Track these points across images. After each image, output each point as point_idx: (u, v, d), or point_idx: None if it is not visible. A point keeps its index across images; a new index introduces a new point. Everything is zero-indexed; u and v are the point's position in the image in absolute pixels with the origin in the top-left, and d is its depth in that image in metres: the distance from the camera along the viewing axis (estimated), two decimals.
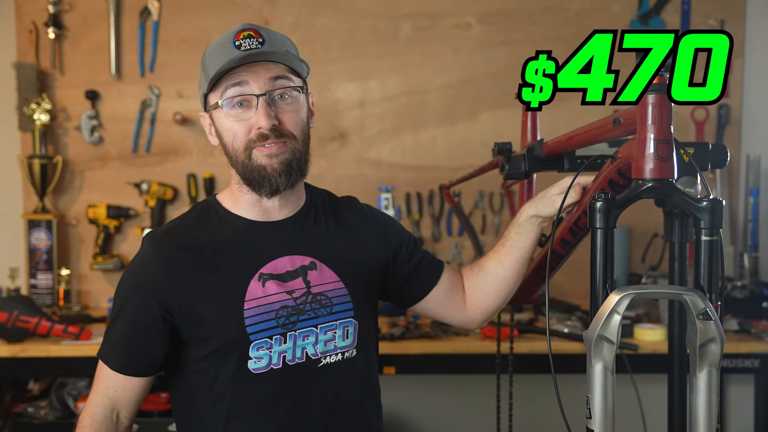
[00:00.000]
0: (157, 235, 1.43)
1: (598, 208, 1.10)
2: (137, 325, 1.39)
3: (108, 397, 1.41)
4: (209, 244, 1.41)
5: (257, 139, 1.36)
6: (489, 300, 1.62)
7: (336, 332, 1.44)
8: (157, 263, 1.38)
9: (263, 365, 1.38)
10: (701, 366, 1.05)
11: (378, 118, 3.21)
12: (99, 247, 3.12)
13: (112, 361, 1.41)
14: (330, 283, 1.45)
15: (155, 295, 1.37)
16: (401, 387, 3.20)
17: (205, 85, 1.39)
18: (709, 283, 1.10)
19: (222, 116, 1.38)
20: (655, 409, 1.98)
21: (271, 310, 1.39)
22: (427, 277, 1.62)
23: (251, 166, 1.38)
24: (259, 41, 1.35)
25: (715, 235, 1.09)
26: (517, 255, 1.56)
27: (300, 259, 1.44)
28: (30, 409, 2.70)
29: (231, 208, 1.46)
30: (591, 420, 1.09)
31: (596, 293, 1.10)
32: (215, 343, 1.38)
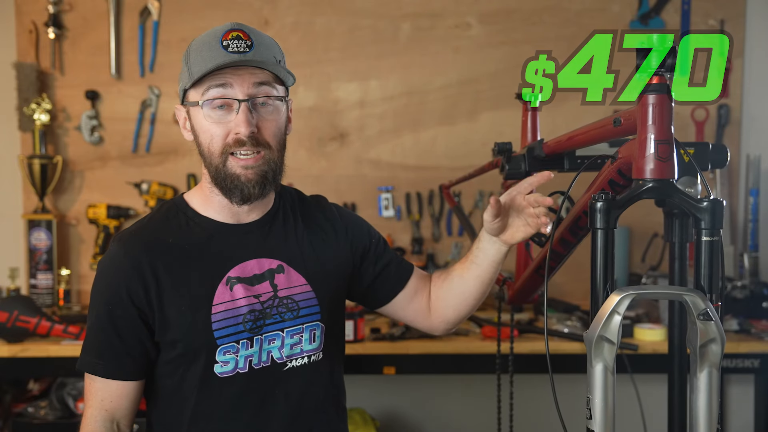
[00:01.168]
0: (125, 237, 1.41)
1: (599, 208, 1.10)
2: (118, 326, 1.37)
3: (105, 410, 1.38)
4: (177, 247, 1.40)
5: (233, 144, 1.34)
6: (449, 310, 1.59)
7: (303, 336, 1.44)
8: (126, 264, 1.37)
9: (229, 369, 1.38)
10: (702, 366, 1.05)
11: (378, 118, 3.21)
12: (99, 247, 3.12)
13: (100, 370, 1.38)
14: (297, 286, 1.45)
15: (128, 294, 1.36)
16: (401, 387, 3.20)
17: (186, 80, 1.36)
18: (709, 284, 1.10)
19: (200, 115, 1.36)
20: (655, 409, 1.98)
21: (238, 314, 1.38)
22: (394, 280, 1.60)
23: (225, 173, 1.36)
24: (247, 44, 1.33)
25: (715, 235, 1.09)
26: (476, 271, 1.53)
27: (267, 262, 1.43)
28: (30, 409, 2.70)
29: (200, 209, 1.45)
30: (591, 420, 1.09)
31: (596, 294, 1.10)
32: (182, 346, 1.37)
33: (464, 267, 1.55)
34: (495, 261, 1.51)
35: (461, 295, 1.56)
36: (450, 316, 1.60)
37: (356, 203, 3.15)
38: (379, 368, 2.60)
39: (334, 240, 1.53)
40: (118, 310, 1.37)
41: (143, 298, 1.36)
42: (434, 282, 1.62)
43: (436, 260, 3.21)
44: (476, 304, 1.58)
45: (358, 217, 1.63)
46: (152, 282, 1.36)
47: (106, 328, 1.38)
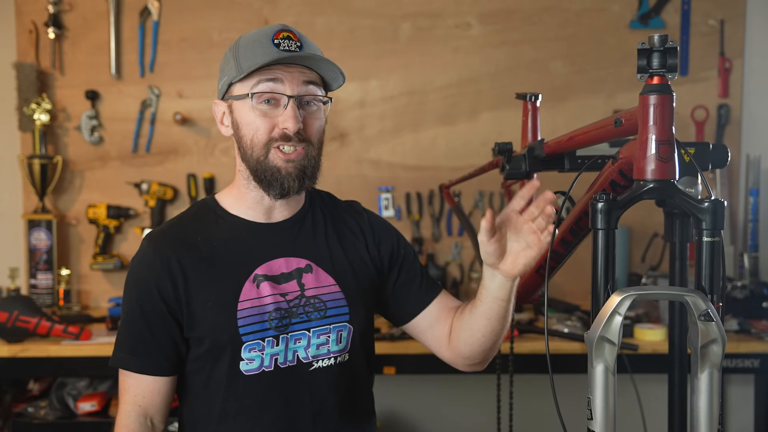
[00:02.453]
0: (155, 235, 1.44)
1: (600, 208, 1.10)
2: (149, 322, 1.38)
3: (138, 405, 1.39)
4: (206, 244, 1.41)
5: (279, 138, 1.36)
6: (461, 343, 1.50)
7: (330, 336, 1.43)
8: (156, 262, 1.38)
9: (255, 367, 1.38)
10: (703, 367, 1.05)
11: (378, 118, 3.21)
12: (99, 247, 3.12)
13: (134, 366, 1.40)
14: (326, 286, 1.45)
15: (158, 291, 1.37)
16: (401, 387, 3.20)
17: (233, 74, 1.37)
18: (710, 284, 1.10)
19: (246, 108, 1.37)
20: (655, 409, 1.98)
21: (264, 312, 1.39)
22: (415, 299, 1.55)
23: (265, 165, 1.37)
24: (297, 44, 1.36)
25: (716, 236, 1.09)
26: (481, 308, 1.44)
27: (296, 261, 1.44)
28: (30, 409, 2.70)
29: (230, 208, 1.46)
30: (592, 421, 1.09)
31: (597, 294, 1.10)
32: (208, 342, 1.38)
33: (473, 303, 1.47)
34: (498, 298, 1.40)
35: (469, 330, 1.47)
36: (463, 351, 1.50)
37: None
38: (379, 368, 2.60)
39: (363, 245, 1.53)
40: (148, 306, 1.38)
41: (172, 294, 1.37)
42: (456, 313, 1.54)
43: (436, 260, 3.22)
44: (487, 342, 1.47)
45: (390, 226, 1.60)
46: (180, 278, 1.38)
47: (138, 324, 1.39)
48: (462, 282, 3.21)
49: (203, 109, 3.17)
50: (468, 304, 1.51)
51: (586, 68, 3.19)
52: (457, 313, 1.54)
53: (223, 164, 3.19)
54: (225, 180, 3.18)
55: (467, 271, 3.22)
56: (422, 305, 1.55)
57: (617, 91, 3.18)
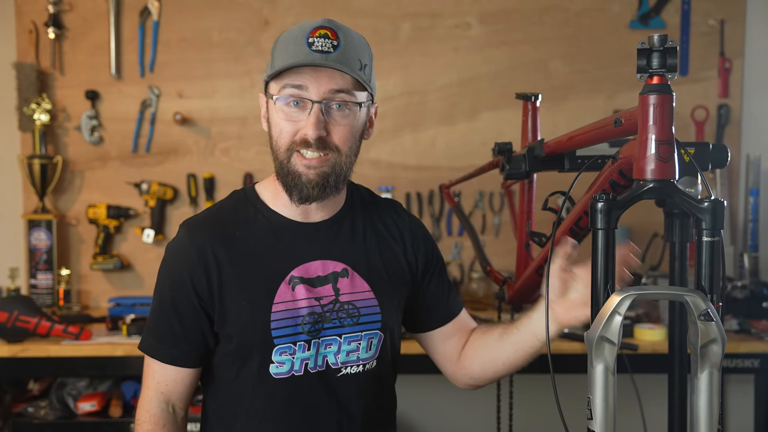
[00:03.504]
0: (193, 224, 1.41)
1: (599, 208, 1.10)
2: (179, 312, 1.37)
3: (161, 392, 1.39)
4: (244, 240, 1.39)
5: (300, 143, 1.32)
6: (475, 365, 1.51)
7: (360, 343, 1.41)
8: (192, 253, 1.36)
9: (285, 371, 1.37)
10: (702, 367, 1.05)
11: (378, 118, 3.17)
12: (99, 247, 3.12)
13: (161, 355, 1.39)
14: (360, 292, 1.42)
15: (191, 282, 1.35)
16: (401, 387, 3.18)
17: (268, 70, 1.35)
18: (710, 284, 1.10)
19: (275, 108, 1.34)
20: (655, 409, 1.98)
21: (297, 315, 1.36)
22: (440, 312, 1.55)
23: (288, 169, 1.34)
24: (333, 44, 1.31)
25: (716, 235, 1.09)
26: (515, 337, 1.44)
27: (333, 264, 1.41)
28: (30, 409, 2.70)
29: (269, 203, 1.43)
30: (592, 421, 1.09)
31: (597, 294, 1.10)
32: (237, 341, 1.37)
33: (506, 329, 1.46)
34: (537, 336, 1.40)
35: (491, 355, 1.48)
36: (475, 372, 1.51)
37: None
38: None
39: (401, 249, 1.50)
40: (180, 296, 1.36)
41: (205, 287, 1.35)
42: (475, 333, 1.55)
43: None
44: (505, 371, 1.48)
45: (429, 234, 1.58)
46: (215, 272, 1.35)
47: (168, 312, 1.38)
48: (462, 282, 3.21)
49: (203, 109, 3.17)
50: (495, 328, 1.50)
51: (586, 68, 3.19)
52: (478, 332, 1.53)
53: (223, 164, 3.19)
54: (225, 180, 3.18)
55: (467, 271, 3.22)
56: (445, 319, 1.55)
57: (617, 91, 3.18)
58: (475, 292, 3.15)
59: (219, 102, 3.18)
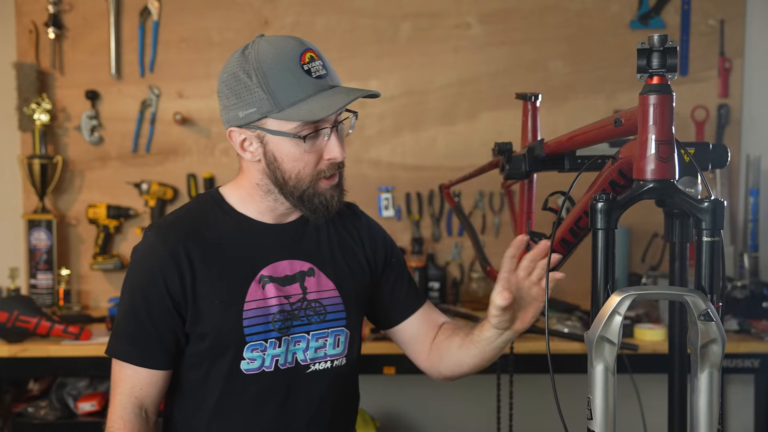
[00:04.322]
0: (162, 226, 1.42)
1: (599, 208, 1.10)
2: (152, 314, 1.37)
3: (134, 396, 1.39)
4: (214, 241, 1.41)
5: (327, 169, 1.38)
6: (443, 366, 1.55)
7: (327, 340, 1.45)
8: (164, 252, 1.37)
9: (256, 367, 1.39)
10: (702, 367, 1.05)
11: (378, 118, 3.21)
12: (99, 247, 3.12)
13: (134, 358, 1.38)
14: (326, 291, 1.46)
15: (164, 283, 1.36)
16: (401, 387, 3.20)
17: (267, 108, 1.31)
18: (710, 284, 1.10)
19: (288, 143, 1.34)
20: (655, 409, 1.98)
21: (269, 313, 1.39)
22: (402, 306, 1.59)
23: (313, 193, 1.38)
24: (321, 63, 1.35)
25: (716, 236, 1.09)
26: (474, 352, 1.47)
27: (300, 264, 1.45)
28: (30, 409, 2.70)
29: (237, 206, 1.45)
30: (592, 421, 1.09)
31: (597, 294, 1.10)
32: (211, 340, 1.38)
33: (466, 342, 1.49)
34: (498, 347, 1.45)
35: (457, 361, 1.52)
36: (444, 372, 1.56)
37: (356, 203, 3.14)
38: (379, 368, 2.60)
39: (361, 249, 1.55)
40: (153, 298, 1.37)
41: (179, 287, 1.36)
42: (442, 330, 1.58)
43: (436, 260, 3.22)
44: (473, 372, 1.53)
45: (385, 232, 1.64)
46: (188, 272, 1.37)
47: (140, 315, 1.38)
48: (462, 282, 3.21)
49: (203, 109, 3.17)
50: (453, 332, 1.54)
51: (586, 68, 3.19)
52: (444, 334, 1.56)
53: (223, 164, 3.19)
54: (225, 180, 3.13)
55: (467, 271, 3.21)
56: (408, 313, 1.59)
57: (617, 91, 3.18)
58: (475, 292, 3.15)
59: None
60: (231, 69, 1.35)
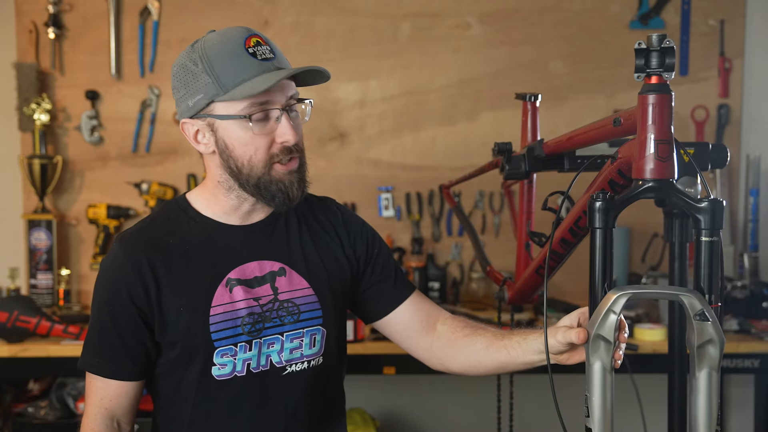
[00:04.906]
0: (126, 237, 1.40)
1: (597, 207, 1.10)
2: (118, 326, 1.36)
3: (104, 408, 1.38)
4: (178, 247, 1.38)
5: (280, 153, 1.34)
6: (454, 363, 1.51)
7: (303, 340, 1.42)
8: (127, 265, 1.35)
9: (227, 372, 1.37)
10: (700, 367, 1.05)
11: (378, 118, 3.21)
12: (99, 247, 3.12)
13: (101, 370, 1.38)
14: (299, 290, 1.43)
15: (129, 295, 1.35)
16: (401, 387, 3.20)
17: (213, 91, 1.30)
18: (709, 284, 1.10)
19: (237, 127, 1.32)
20: (655, 409, 1.98)
21: (237, 317, 1.37)
22: (390, 296, 1.54)
23: (269, 180, 1.35)
24: (268, 48, 1.32)
25: (715, 236, 1.09)
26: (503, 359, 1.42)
27: (269, 264, 1.42)
28: (30, 409, 2.70)
29: (202, 210, 1.43)
30: (589, 419, 1.09)
31: (595, 293, 1.11)
32: (180, 347, 1.37)
33: (495, 344, 1.44)
34: (528, 365, 1.40)
35: (475, 362, 1.48)
36: (453, 368, 1.53)
37: (356, 203, 3.15)
38: (379, 368, 2.60)
39: (338, 245, 1.51)
40: (118, 310, 1.36)
41: (143, 298, 1.35)
42: (455, 326, 1.53)
43: (436, 260, 3.22)
44: (485, 374, 1.51)
45: (364, 223, 1.58)
46: (152, 282, 1.35)
47: (107, 327, 1.37)
48: (462, 282, 3.21)
49: None
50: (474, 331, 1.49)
51: (586, 68, 3.19)
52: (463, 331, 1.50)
53: None
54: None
55: (467, 271, 3.21)
56: (396, 302, 1.54)
57: (617, 91, 3.18)
58: (475, 292, 3.15)
59: None
60: (180, 61, 1.36)
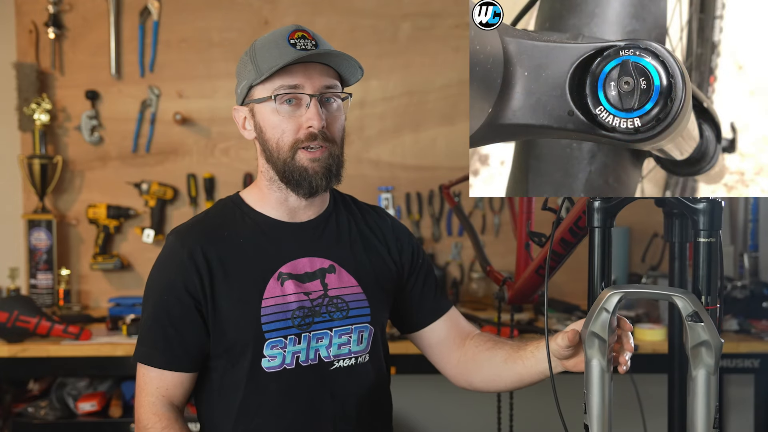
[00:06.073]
0: (182, 231, 1.44)
1: (596, 207, 1.10)
2: (175, 319, 1.38)
3: (162, 395, 1.39)
4: (232, 240, 1.42)
5: (305, 139, 1.36)
6: (477, 378, 1.53)
7: (351, 336, 1.44)
8: (184, 256, 1.38)
9: (276, 364, 1.39)
10: (695, 368, 1.05)
11: (378, 118, 3.21)
12: (99, 247, 3.12)
13: (158, 361, 1.39)
14: (348, 287, 1.45)
15: (185, 286, 1.37)
16: (401, 387, 3.18)
17: (252, 77, 1.37)
18: (706, 285, 1.10)
19: (269, 111, 1.38)
20: (655, 409, 1.98)
21: (287, 309, 1.39)
22: (430, 308, 1.57)
23: (293, 166, 1.38)
24: (312, 42, 1.37)
25: (713, 236, 1.09)
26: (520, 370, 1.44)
27: (320, 261, 1.44)
28: (30, 409, 2.70)
29: (255, 206, 1.46)
30: (587, 415, 1.09)
31: (594, 291, 1.11)
32: (231, 338, 1.38)
33: (513, 356, 1.46)
34: (543, 374, 1.41)
35: (495, 376, 1.50)
36: (476, 383, 1.54)
37: None
38: None
39: (385, 249, 1.54)
40: (173, 299, 1.38)
41: (198, 287, 1.37)
42: (479, 340, 1.55)
43: (436, 260, 3.22)
44: (506, 390, 1.53)
45: (411, 234, 1.62)
46: (206, 273, 1.38)
47: (162, 318, 1.39)
48: (462, 282, 3.21)
49: (203, 109, 3.17)
50: (495, 345, 1.51)
51: None
52: (485, 345, 1.52)
53: (223, 164, 3.19)
54: (225, 180, 3.18)
55: (467, 271, 3.22)
56: (434, 316, 1.57)
57: None
58: (475, 292, 3.15)
59: (219, 102, 3.18)
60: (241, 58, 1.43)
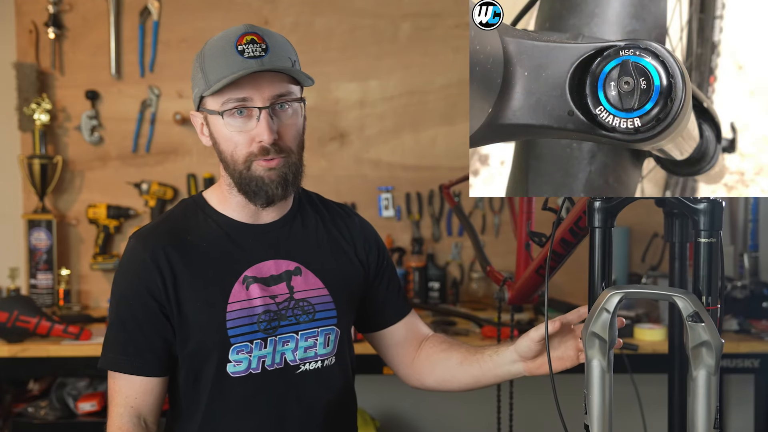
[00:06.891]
0: (144, 233, 1.42)
1: (597, 207, 1.10)
2: (139, 321, 1.37)
3: (130, 406, 1.37)
4: (195, 244, 1.40)
5: (258, 153, 1.33)
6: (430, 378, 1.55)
7: (317, 339, 1.43)
8: (146, 259, 1.36)
9: (242, 369, 1.38)
10: (696, 368, 1.05)
11: (378, 118, 3.21)
12: (99, 247, 3.12)
13: (125, 367, 1.37)
14: (314, 289, 1.44)
15: (148, 290, 1.35)
16: (401, 387, 3.17)
17: (203, 87, 1.33)
18: (707, 286, 1.10)
19: (220, 123, 1.34)
20: (655, 409, 1.98)
21: (253, 314, 1.38)
22: (393, 309, 1.58)
23: (249, 177, 1.35)
24: (262, 47, 1.30)
25: (713, 236, 1.09)
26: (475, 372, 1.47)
27: (285, 263, 1.43)
28: (30, 409, 2.70)
29: (219, 208, 1.44)
30: (587, 416, 1.09)
31: (594, 292, 1.11)
32: (196, 343, 1.37)
33: (469, 359, 1.49)
34: (500, 377, 1.46)
35: (449, 377, 1.52)
36: (428, 383, 1.56)
37: (356, 203, 3.15)
38: (379, 368, 2.59)
39: (353, 249, 1.52)
40: (138, 304, 1.36)
41: (162, 292, 1.36)
42: (434, 342, 1.57)
43: (436, 260, 3.22)
44: (459, 390, 1.54)
45: (377, 234, 1.61)
46: (170, 277, 1.36)
47: (128, 323, 1.37)
48: (462, 282, 3.21)
49: None
50: (450, 347, 1.53)
51: None
52: (440, 347, 1.55)
53: None
54: None
55: (467, 271, 3.22)
56: (397, 317, 1.58)
57: None
58: (475, 292, 3.15)
59: None
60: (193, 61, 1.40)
